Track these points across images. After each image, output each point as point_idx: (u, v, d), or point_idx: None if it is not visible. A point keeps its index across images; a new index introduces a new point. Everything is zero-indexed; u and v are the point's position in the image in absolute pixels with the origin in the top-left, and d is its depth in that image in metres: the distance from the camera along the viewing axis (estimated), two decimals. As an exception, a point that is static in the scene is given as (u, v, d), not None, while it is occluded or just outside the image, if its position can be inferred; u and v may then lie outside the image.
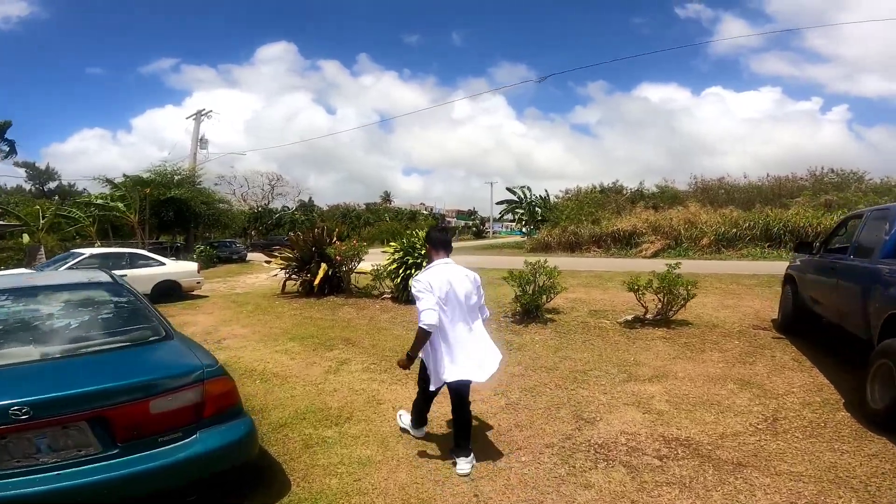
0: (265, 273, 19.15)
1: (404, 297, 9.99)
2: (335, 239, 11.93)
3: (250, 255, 27.95)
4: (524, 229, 44.28)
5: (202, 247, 23.94)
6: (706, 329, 6.86)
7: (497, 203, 42.48)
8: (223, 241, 30.97)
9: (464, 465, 3.18)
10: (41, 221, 18.44)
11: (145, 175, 23.28)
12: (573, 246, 28.09)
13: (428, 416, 3.74)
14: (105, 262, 10.53)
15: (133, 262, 10.67)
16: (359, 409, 4.41)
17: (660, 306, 7.13)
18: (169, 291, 10.92)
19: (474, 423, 3.67)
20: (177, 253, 23.40)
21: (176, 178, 24.49)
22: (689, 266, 9.09)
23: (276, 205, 51.65)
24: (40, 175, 52.00)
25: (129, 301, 3.50)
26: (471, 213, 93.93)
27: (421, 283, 3.12)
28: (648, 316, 7.22)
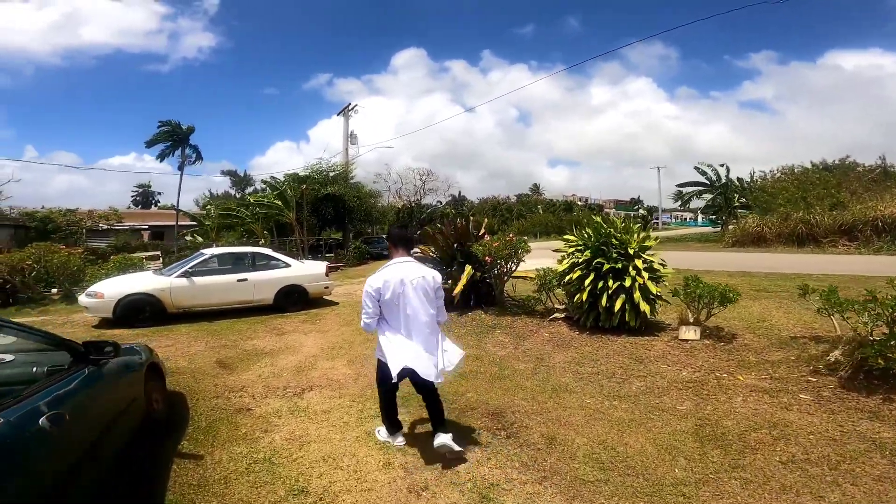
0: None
1: (591, 319, 6.38)
2: (483, 233, 8.83)
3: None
4: (712, 218, 35.71)
5: (356, 243, 23.58)
6: None
7: (679, 186, 34.71)
8: (374, 237, 31.09)
9: (443, 437, 3.25)
10: (212, 222, 19.74)
11: (301, 173, 23.80)
12: (802, 239, 20.54)
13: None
14: (225, 262, 9.22)
15: (255, 263, 9.19)
16: None
17: None
18: (295, 297, 9.17)
19: None
20: (331, 250, 23.38)
21: (331, 174, 24.62)
22: None
23: (429, 200, 51.84)
24: (240, 181, 61.32)
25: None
26: (634, 203, 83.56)
27: (370, 286, 3.23)
28: None
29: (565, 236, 7.39)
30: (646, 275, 6.11)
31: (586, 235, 6.83)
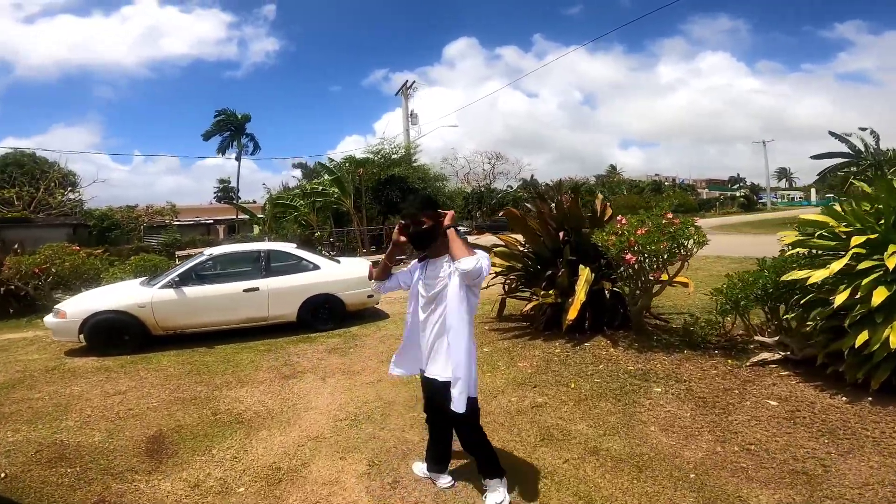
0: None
1: (863, 373, 2.95)
2: (605, 215, 5.55)
3: (472, 238, 24.38)
4: (830, 196, 28.78)
5: (420, 231, 20.96)
6: None
7: (815, 157, 28.05)
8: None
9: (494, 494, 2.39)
10: (267, 214, 18.12)
11: (359, 156, 21.60)
12: None
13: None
14: (229, 266, 6.78)
15: (271, 265, 6.59)
16: None
17: None
18: (326, 311, 6.50)
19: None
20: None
21: (393, 156, 22.16)
22: None
23: (499, 185, 48.47)
24: (311, 174, 61.64)
25: None
26: (733, 182, 73.68)
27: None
28: None
29: (806, 216, 3.88)
30: None
31: (871, 209, 3.35)
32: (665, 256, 4.21)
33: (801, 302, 3.79)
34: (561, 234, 5.30)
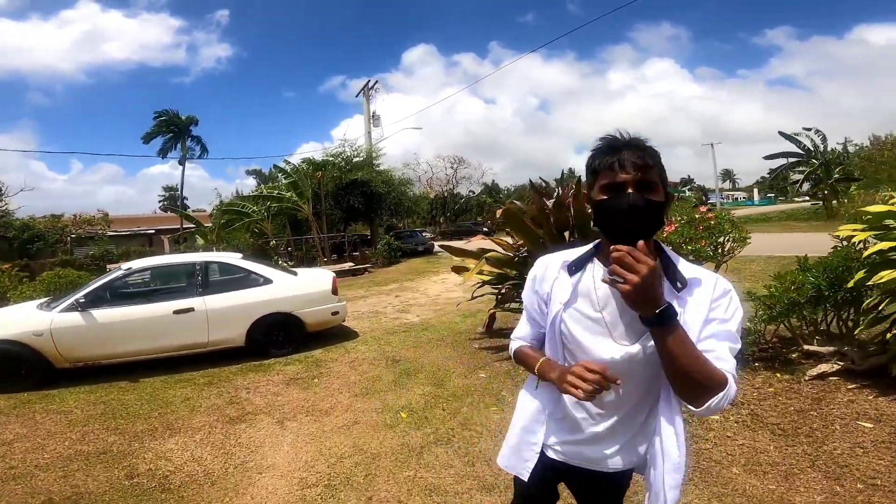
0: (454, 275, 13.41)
1: None
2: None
3: (438, 246, 23.62)
4: (770, 196, 30.16)
5: (386, 238, 19.90)
6: None
7: (768, 157, 29.01)
8: (406, 230, 27.38)
9: None
10: (214, 222, 16.53)
11: (318, 158, 20.30)
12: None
13: None
14: (157, 281, 5.66)
15: (208, 281, 5.36)
16: None
17: None
18: (282, 333, 5.41)
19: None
20: (357, 248, 19.80)
21: (355, 159, 20.98)
22: None
23: (461, 190, 48.07)
24: (266, 180, 58.98)
25: None
26: (685, 183, 76.92)
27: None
28: None
29: (877, 208, 3.25)
30: None
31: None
32: (713, 254, 3.50)
33: (863, 307, 3.19)
34: (566, 234, 4.53)
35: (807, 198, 31.09)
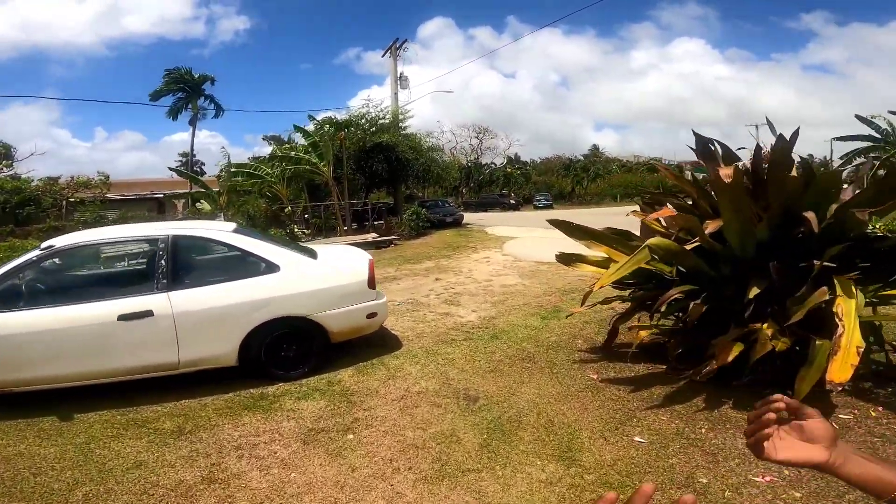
0: (495, 248, 11.51)
1: None
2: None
3: (467, 217, 21.84)
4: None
5: (413, 207, 18.01)
6: None
7: (838, 139, 25.80)
8: (434, 200, 25.37)
9: None
10: (222, 185, 14.83)
11: (340, 118, 18.25)
12: None
13: None
14: (98, 267, 3.94)
15: (176, 267, 3.35)
16: None
17: None
18: (294, 348, 3.61)
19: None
20: (381, 217, 18.00)
21: (379, 121, 18.94)
22: None
23: (486, 160, 45.74)
24: (283, 145, 57.30)
25: None
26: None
27: None
28: None
29: None
30: None
31: None
32: None
33: None
34: (790, 203, 2.58)
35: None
